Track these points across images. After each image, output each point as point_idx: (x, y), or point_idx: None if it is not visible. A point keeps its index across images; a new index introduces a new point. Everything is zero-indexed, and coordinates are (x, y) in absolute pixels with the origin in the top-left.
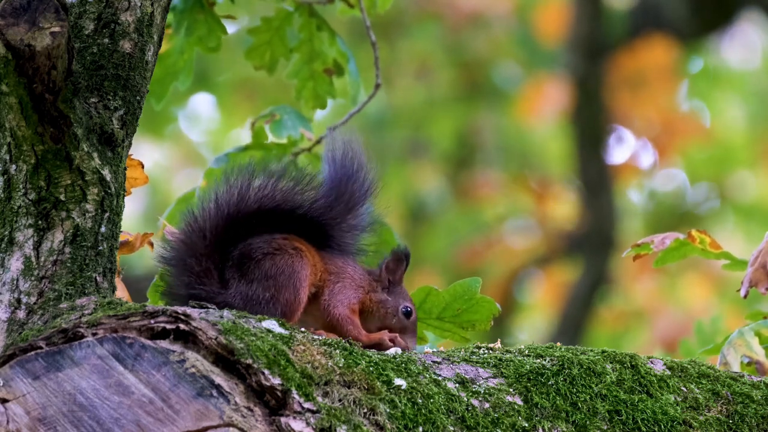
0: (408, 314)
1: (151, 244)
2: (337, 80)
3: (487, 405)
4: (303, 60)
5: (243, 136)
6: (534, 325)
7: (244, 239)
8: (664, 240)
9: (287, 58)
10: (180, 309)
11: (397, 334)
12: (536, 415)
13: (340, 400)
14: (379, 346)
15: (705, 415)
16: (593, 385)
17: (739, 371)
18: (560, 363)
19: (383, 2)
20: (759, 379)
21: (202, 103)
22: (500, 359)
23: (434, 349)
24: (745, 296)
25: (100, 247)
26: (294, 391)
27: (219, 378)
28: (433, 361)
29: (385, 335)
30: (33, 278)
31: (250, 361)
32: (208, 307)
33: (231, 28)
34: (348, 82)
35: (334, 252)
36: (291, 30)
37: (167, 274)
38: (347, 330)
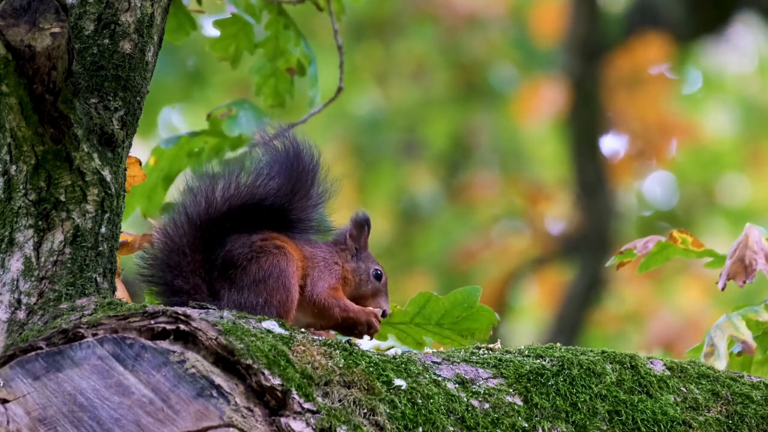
0: (378, 277)
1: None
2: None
3: (487, 405)
4: (267, 56)
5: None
6: (529, 326)
7: (222, 243)
8: (646, 244)
9: (252, 53)
10: (180, 310)
11: (376, 309)
12: (536, 416)
13: (340, 401)
14: (366, 325)
15: (705, 415)
16: (593, 386)
17: (737, 372)
18: (560, 363)
19: None
20: (759, 379)
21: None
22: (500, 360)
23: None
24: (723, 288)
25: (101, 248)
26: (294, 392)
27: (219, 378)
28: (433, 362)
29: (371, 315)
30: (33, 279)
31: (250, 361)
32: (208, 308)
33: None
34: (307, 84)
35: (301, 237)
36: (258, 26)
37: (155, 294)
38: (335, 312)
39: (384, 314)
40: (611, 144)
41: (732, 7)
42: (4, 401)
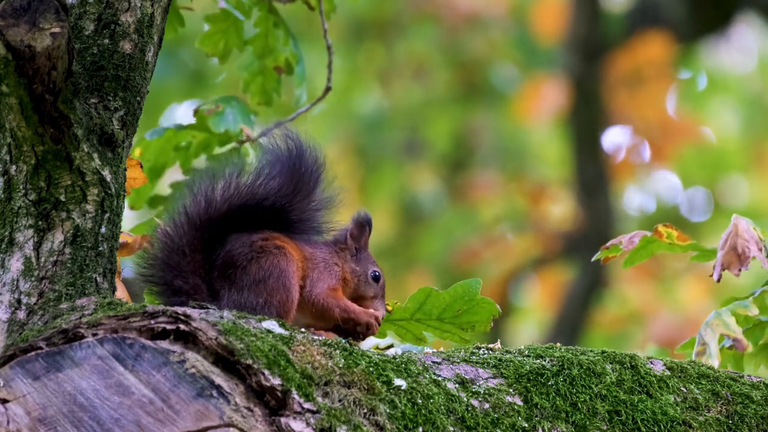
0: (377, 278)
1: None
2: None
3: (487, 405)
4: (256, 54)
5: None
6: (530, 326)
7: (222, 244)
8: (632, 239)
9: (241, 50)
10: (180, 309)
11: (376, 312)
12: (536, 416)
13: (340, 401)
14: (365, 326)
15: (705, 415)
16: (593, 386)
17: (737, 371)
18: (560, 363)
19: None
20: (759, 379)
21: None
22: (500, 360)
23: (434, 350)
24: (718, 280)
25: (101, 248)
26: (294, 392)
27: (219, 378)
28: (433, 362)
29: (371, 316)
30: (33, 279)
31: (250, 361)
32: (208, 308)
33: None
34: (294, 83)
35: (301, 238)
36: (248, 23)
37: (154, 294)
38: (335, 312)
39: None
40: (615, 137)
41: (733, 6)
42: (4, 401)
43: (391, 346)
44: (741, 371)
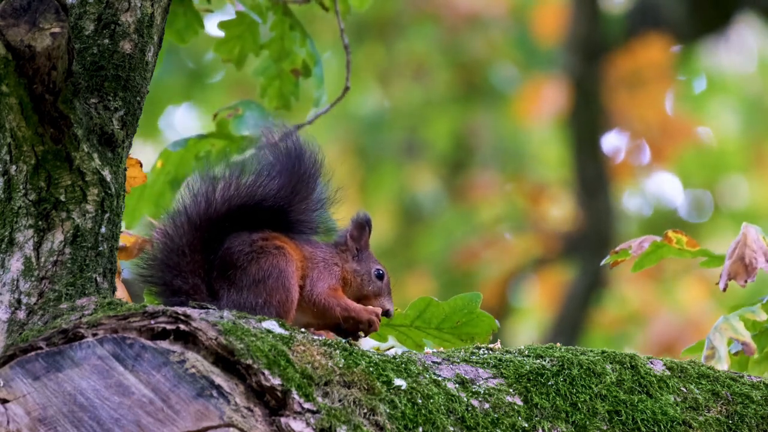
0: (380, 276)
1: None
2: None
3: (487, 405)
4: (272, 58)
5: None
6: (530, 327)
7: (221, 243)
8: (641, 244)
9: (257, 55)
10: (180, 309)
11: (378, 309)
12: (536, 416)
13: (340, 401)
14: (367, 324)
15: (705, 415)
16: (593, 386)
17: (737, 372)
18: (560, 363)
19: (361, 2)
20: (758, 379)
21: (196, 106)
22: (500, 360)
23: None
24: (724, 289)
25: (101, 248)
26: (294, 392)
27: (219, 378)
28: (433, 362)
29: (372, 313)
30: (33, 279)
31: (250, 361)
32: (208, 308)
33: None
34: (313, 85)
35: (300, 238)
36: (263, 27)
37: (154, 294)
38: (336, 311)
39: (387, 314)
40: (613, 142)
41: (732, 7)
42: (4, 401)
43: (391, 348)
44: None
